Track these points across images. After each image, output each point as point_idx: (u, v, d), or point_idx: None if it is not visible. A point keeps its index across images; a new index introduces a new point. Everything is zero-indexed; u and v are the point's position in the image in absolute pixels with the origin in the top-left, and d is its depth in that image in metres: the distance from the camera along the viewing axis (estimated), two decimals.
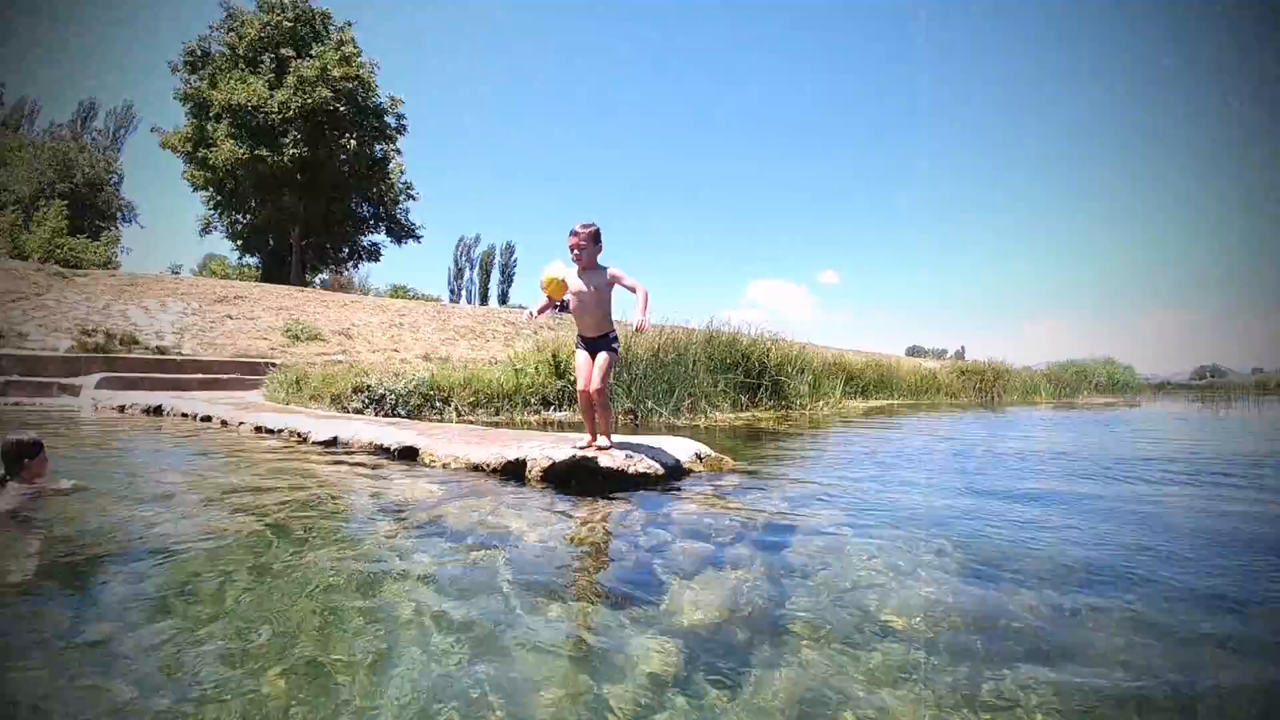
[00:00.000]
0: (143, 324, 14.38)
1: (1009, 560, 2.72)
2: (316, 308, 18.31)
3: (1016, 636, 1.99)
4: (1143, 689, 1.69)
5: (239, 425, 7.03)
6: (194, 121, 28.87)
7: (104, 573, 2.42)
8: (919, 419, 11.20)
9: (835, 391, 12.79)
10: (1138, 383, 27.18)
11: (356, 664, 1.73)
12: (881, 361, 17.51)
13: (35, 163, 29.61)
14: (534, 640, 1.90)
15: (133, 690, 1.57)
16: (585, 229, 4.19)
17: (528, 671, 1.73)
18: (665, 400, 9.44)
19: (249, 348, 14.36)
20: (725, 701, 1.60)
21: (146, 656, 1.74)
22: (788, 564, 2.63)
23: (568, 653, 1.84)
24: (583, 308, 4.26)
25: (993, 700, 1.62)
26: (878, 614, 2.12)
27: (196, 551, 2.67)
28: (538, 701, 1.59)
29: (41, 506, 3.27)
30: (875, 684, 1.69)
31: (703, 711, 1.56)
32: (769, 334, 11.82)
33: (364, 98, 30.31)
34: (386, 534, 2.99)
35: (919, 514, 3.57)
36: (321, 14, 30.27)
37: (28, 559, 2.59)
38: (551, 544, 2.90)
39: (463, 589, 2.30)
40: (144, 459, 5.14)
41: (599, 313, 4.25)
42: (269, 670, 1.68)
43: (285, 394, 9.63)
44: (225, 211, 31.79)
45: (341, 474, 4.46)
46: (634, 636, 1.93)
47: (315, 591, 2.24)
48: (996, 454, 6.50)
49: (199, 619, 1.99)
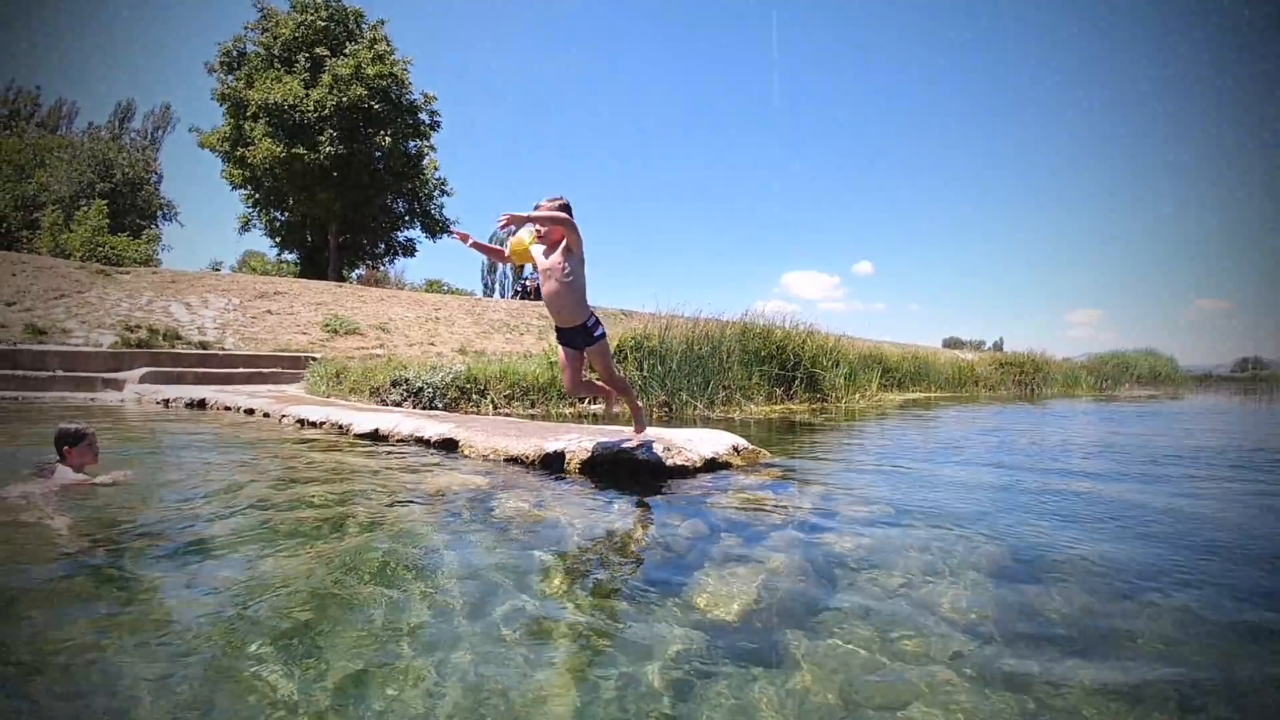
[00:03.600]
0: (185, 320, 14.73)
1: (1050, 554, 2.68)
2: (354, 302, 18.59)
3: (1057, 633, 1.96)
4: (1186, 687, 1.66)
5: (281, 418, 7.17)
6: (231, 121, 29.37)
7: (142, 562, 2.49)
8: (957, 412, 11.04)
9: (871, 384, 12.66)
10: (1179, 375, 26.55)
11: (404, 650, 1.76)
12: (918, 353, 17.26)
13: (75, 163, 30.31)
14: (573, 628, 1.92)
15: (154, 675, 1.62)
16: (552, 201, 3.77)
17: (567, 659, 1.74)
18: (700, 393, 9.43)
19: (289, 342, 14.64)
20: (759, 694, 1.59)
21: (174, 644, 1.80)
22: (826, 557, 2.61)
23: (604, 641, 1.85)
24: (550, 290, 3.83)
25: (1031, 697, 1.60)
26: (916, 608, 2.10)
27: (243, 541, 2.73)
28: (574, 688, 1.60)
29: (78, 495, 3.37)
30: (912, 680, 1.66)
31: (737, 704, 1.55)
32: (804, 326, 11.72)
33: (398, 95, 30.59)
34: (431, 525, 3.03)
35: (958, 508, 3.52)
36: (355, 12, 30.59)
37: (51, 543, 2.68)
38: (591, 535, 2.92)
39: (505, 578, 2.33)
40: (188, 451, 5.27)
41: (569, 295, 3.80)
42: (316, 656, 1.72)
43: (326, 387, 9.81)
44: (264, 209, 32.37)
45: (383, 465, 4.53)
46: (670, 627, 1.94)
47: (363, 578, 2.29)
48: (1037, 447, 6.38)
49: (241, 607, 2.04)
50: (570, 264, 3.76)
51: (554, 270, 3.76)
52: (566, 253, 3.74)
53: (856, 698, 1.58)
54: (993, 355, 23.33)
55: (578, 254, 3.77)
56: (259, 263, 39.40)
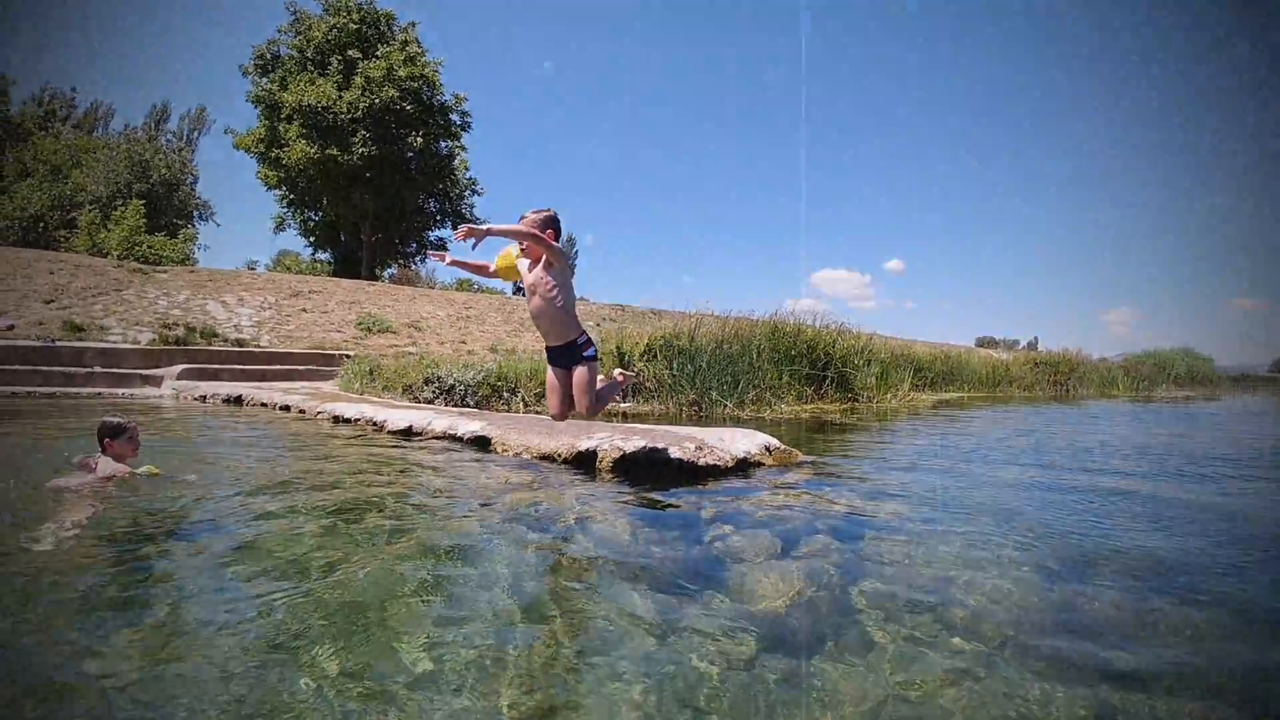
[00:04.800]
0: (221, 318, 15.03)
1: (1086, 555, 2.64)
2: (387, 301, 18.84)
3: (1094, 633, 1.94)
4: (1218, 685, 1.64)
5: (316, 414, 7.29)
6: (266, 123, 29.94)
7: (186, 551, 2.55)
8: (991, 412, 10.88)
9: (903, 384, 12.51)
10: (1216, 375, 25.97)
11: (442, 644, 1.79)
12: (951, 352, 17.03)
13: (111, 164, 30.87)
14: (606, 626, 1.93)
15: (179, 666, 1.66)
16: (536, 214, 3.58)
17: (604, 655, 1.75)
18: (729, 392, 9.40)
19: (323, 340, 14.87)
20: (793, 693, 1.59)
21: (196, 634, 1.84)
22: (860, 558, 2.60)
23: (637, 640, 1.85)
24: (535, 307, 3.66)
25: (1066, 699, 1.58)
26: (951, 609, 2.08)
27: (282, 535, 2.78)
28: (612, 684, 1.61)
29: (119, 485, 3.45)
30: (947, 680, 1.65)
31: (770, 703, 1.55)
32: (834, 325, 11.63)
33: (429, 96, 30.95)
34: (467, 521, 3.07)
35: (993, 508, 3.47)
36: (386, 15, 30.99)
37: (85, 532, 2.75)
38: (624, 533, 2.92)
39: (540, 575, 2.35)
40: (227, 446, 5.38)
41: (554, 311, 3.61)
42: (367, 653, 1.75)
43: (359, 384, 9.95)
44: (298, 209, 33.01)
45: (417, 461, 4.59)
46: (704, 626, 1.93)
47: (407, 576, 2.32)
48: (1074, 447, 6.27)
49: (271, 601, 2.08)
50: (554, 278, 3.57)
51: (538, 286, 3.58)
52: (549, 267, 3.56)
53: (895, 696, 1.58)
54: (1027, 355, 22.95)
55: (560, 266, 3.58)
56: (293, 262, 40.03)
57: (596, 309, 22.89)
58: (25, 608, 1.98)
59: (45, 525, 2.74)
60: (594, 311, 21.90)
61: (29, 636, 1.81)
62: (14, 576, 2.22)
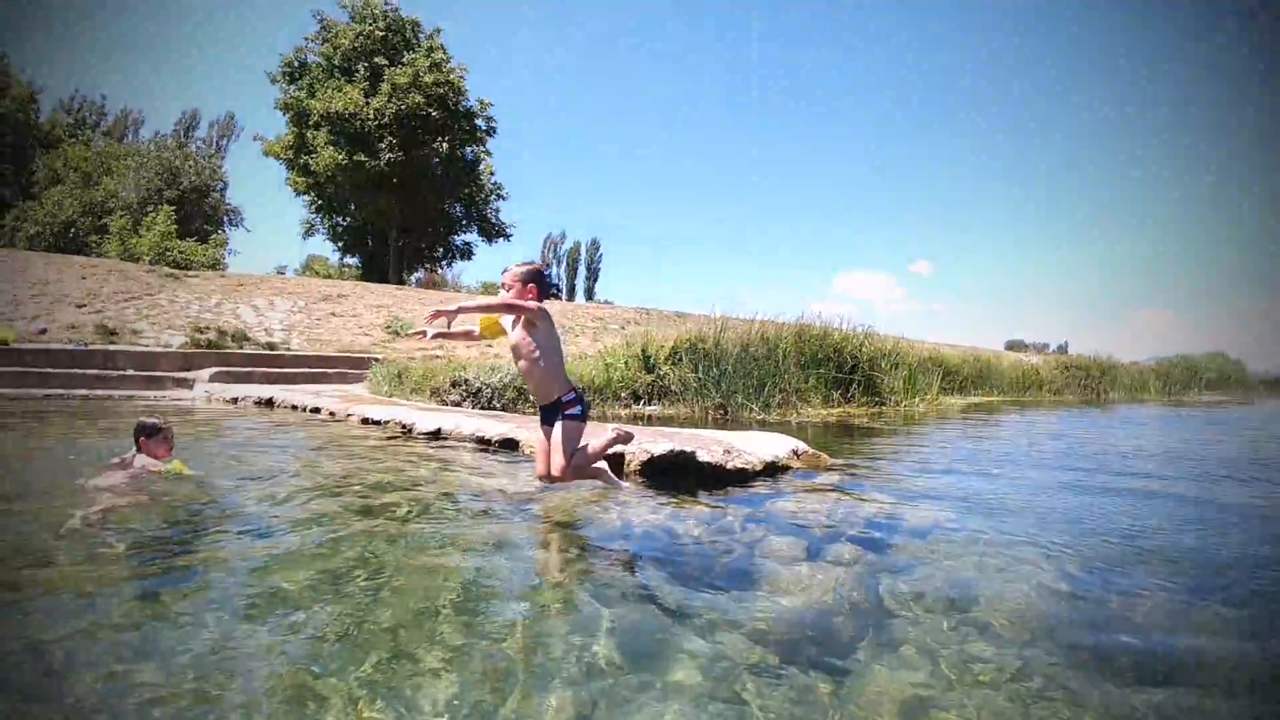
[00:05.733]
0: (252, 321, 15.26)
1: (1121, 557, 2.62)
2: (414, 305, 19.02)
3: (1124, 639, 1.93)
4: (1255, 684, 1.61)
5: (346, 417, 7.37)
6: (294, 130, 30.44)
7: (220, 545, 2.59)
8: (1021, 416, 10.74)
9: (931, 387, 12.38)
10: (1249, 379, 25.48)
11: (484, 645, 1.81)
12: (980, 356, 16.83)
13: (142, 170, 31.50)
14: (645, 627, 1.94)
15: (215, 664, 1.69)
16: (519, 268, 3.40)
17: (631, 658, 1.75)
18: (755, 396, 9.36)
19: (352, 343, 15.05)
20: (822, 695, 1.58)
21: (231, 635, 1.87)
22: (890, 560, 2.58)
23: (670, 641, 1.85)
24: (522, 368, 3.47)
25: (1101, 699, 1.57)
26: (984, 610, 2.06)
27: (316, 535, 2.81)
28: (639, 685, 1.61)
29: (155, 481, 3.54)
30: (976, 683, 1.64)
31: (801, 704, 1.55)
32: (861, 328, 11.55)
33: (454, 102, 31.27)
34: (498, 522, 3.09)
35: (1023, 512, 3.43)
36: (411, 22, 31.37)
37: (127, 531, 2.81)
38: (654, 535, 2.93)
39: (577, 578, 2.36)
40: (259, 446, 5.45)
41: (539, 372, 3.37)
42: (376, 654, 1.77)
43: (388, 387, 10.05)
44: (326, 214, 33.51)
45: (447, 463, 4.63)
46: (734, 628, 1.93)
47: (430, 574, 2.35)
48: (1107, 451, 6.17)
49: (300, 603, 2.11)
50: (537, 339, 3.34)
51: (520, 347, 3.37)
52: (530, 327, 3.34)
53: (929, 696, 1.58)
54: (1057, 358, 22.60)
55: (543, 326, 3.36)
56: (322, 266, 40.67)
57: (621, 312, 22.94)
58: (55, 602, 2.02)
59: (78, 521, 2.82)
60: (618, 315, 21.95)
61: (58, 629, 1.85)
62: (42, 572, 2.28)
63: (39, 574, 2.28)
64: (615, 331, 17.43)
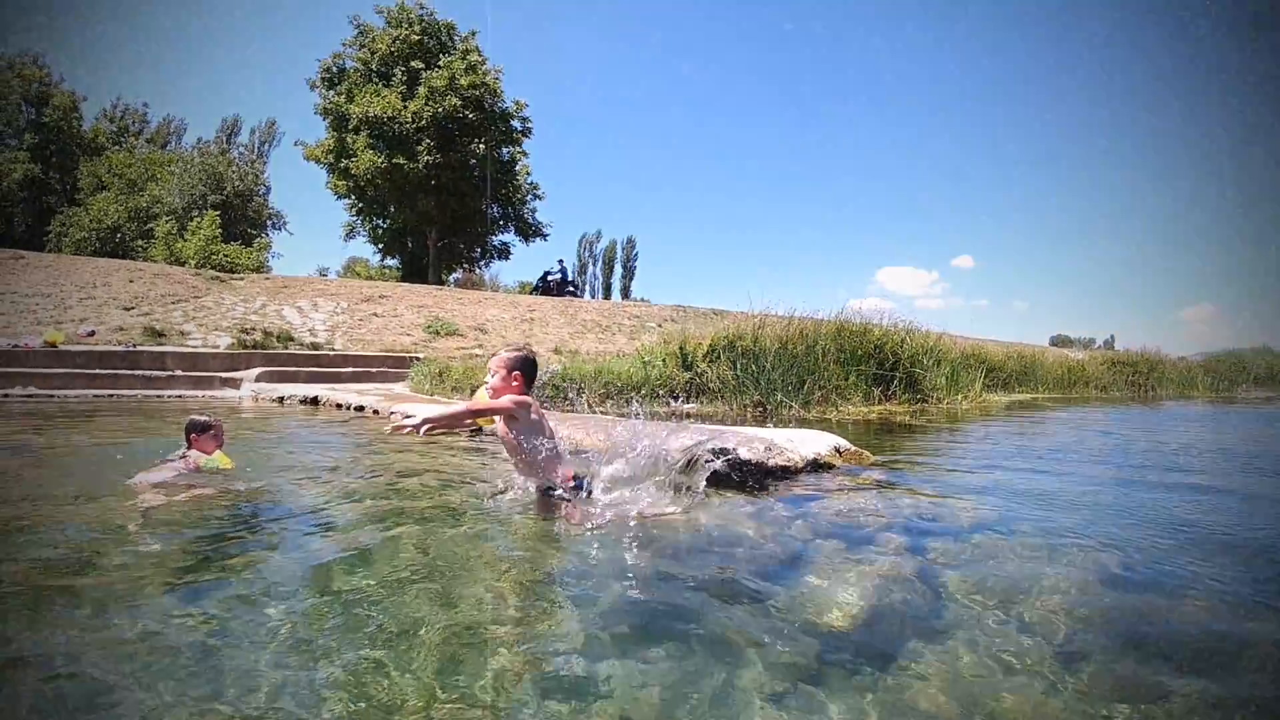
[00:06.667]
0: (297, 322, 15.62)
1: (1167, 563, 2.54)
2: (453, 305, 19.29)
3: (1171, 643, 1.88)
4: None
5: (390, 414, 7.51)
6: (334, 134, 30.99)
7: (273, 540, 2.67)
8: (1068, 414, 10.50)
9: (975, 384, 12.17)
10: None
11: (531, 642, 1.84)
12: (1024, 352, 16.48)
13: (186, 176, 32.37)
14: (678, 628, 1.93)
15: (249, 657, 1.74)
16: (507, 353, 3.31)
17: (672, 656, 1.75)
18: (794, 393, 9.31)
19: (394, 343, 15.32)
20: (869, 697, 1.57)
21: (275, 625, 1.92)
22: (934, 560, 2.55)
23: (712, 642, 1.85)
24: (514, 463, 3.39)
25: (1146, 706, 1.54)
26: (1029, 614, 2.02)
27: (366, 534, 2.87)
28: (680, 687, 1.61)
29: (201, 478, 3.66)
30: (1026, 686, 1.62)
31: (846, 706, 1.54)
32: (902, 324, 11.39)
33: (490, 103, 31.57)
34: (548, 518, 3.13)
35: (1071, 513, 3.36)
36: (447, 25, 31.73)
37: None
38: (697, 534, 2.94)
39: (624, 576, 2.39)
40: (305, 443, 5.60)
41: (528, 464, 3.29)
42: (434, 651, 1.81)
43: (430, 385, 10.22)
44: (367, 217, 34.11)
45: (492, 461, 4.70)
46: (778, 628, 1.93)
47: (470, 567, 2.39)
48: (1156, 449, 6.01)
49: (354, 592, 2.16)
50: (519, 430, 3.24)
51: (506, 441, 3.30)
52: (511, 420, 3.23)
53: (975, 696, 1.56)
54: (1103, 354, 22.03)
55: (524, 418, 3.22)
56: (363, 268, 41.42)
57: (657, 310, 22.96)
58: (109, 601, 2.10)
59: (127, 515, 2.94)
60: (655, 313, 21.97)
61: (112, 630, 1.92)
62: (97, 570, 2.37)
63: (93, 571, 2.35)
64: (652, 330, 17.45)
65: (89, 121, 41.23)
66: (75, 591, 2.15)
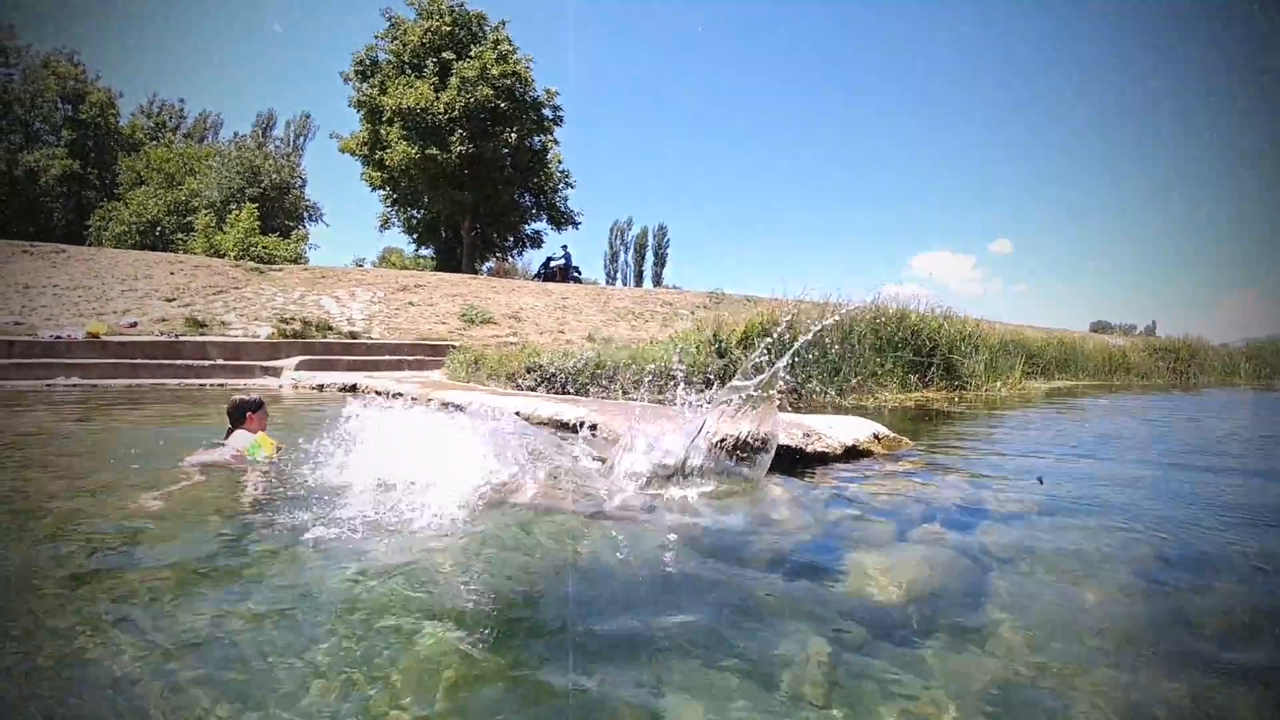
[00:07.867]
0: (334, 312, 15.89)
1: (1211, 551, 2.48)
2: (487, 293, 19.46)
3: (1215, 632, 1.85)
4: None
5: (427, 401, 7.61)
6: (368, 126, 31.28)
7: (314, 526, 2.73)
8: (1109, 401, 10.28)
9: (1014, 371, 11.96)
10: None
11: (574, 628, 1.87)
12: (1064, 338, 16.12)
13: (224, 170, 32.93)
14: (714, 614, 1.93)
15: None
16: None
17: (712, 640, 1.76)
18: (831, 380, 9.24)
19: (429, 331, 15.52)
20: (908, 685, 1.57)
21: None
22: (974, 547, 2.52)
23: (749, 626, 1.85)
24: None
25: (1185, 701, 1.51)
26: (1069, 604, 2.00)
27: (415, 520, 2.94)
28: (719, 673, 1.61)
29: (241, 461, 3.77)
30: (1065, 676, 1.60)
31: (885, 693, 1.53)
32: (940, 310, 11.22)
33: (522, 93, 31.60)
34: (575, 506, 3.17)
35: (1113, 501, 3.29)
36: (477, 16, 31.78)
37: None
38: (733, 519, 2.95)
39: (664, 561, 2.41)
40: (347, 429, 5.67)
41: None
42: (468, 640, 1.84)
43: (465, 373, 10.34)
44: (401, 208, 34.45)
45: (534, 446, 4.75)
46: (815, 614, 1.93)
47: (512, 550, 2.44)
48: (1201, 437, 5.87)
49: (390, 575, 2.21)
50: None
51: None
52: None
53: (1009, 685, 1.56)
54: (1145, 340, 21.47)
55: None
56: (398, 258, 41.82)
57: (690, 297, 22.90)
58: (146, 573, 2.18)
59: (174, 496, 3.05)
60: (688, 300, 21.92)
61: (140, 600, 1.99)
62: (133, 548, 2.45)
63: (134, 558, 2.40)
64: (685, 316, 17.43)
65: (125, 118, 42.09)
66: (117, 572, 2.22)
